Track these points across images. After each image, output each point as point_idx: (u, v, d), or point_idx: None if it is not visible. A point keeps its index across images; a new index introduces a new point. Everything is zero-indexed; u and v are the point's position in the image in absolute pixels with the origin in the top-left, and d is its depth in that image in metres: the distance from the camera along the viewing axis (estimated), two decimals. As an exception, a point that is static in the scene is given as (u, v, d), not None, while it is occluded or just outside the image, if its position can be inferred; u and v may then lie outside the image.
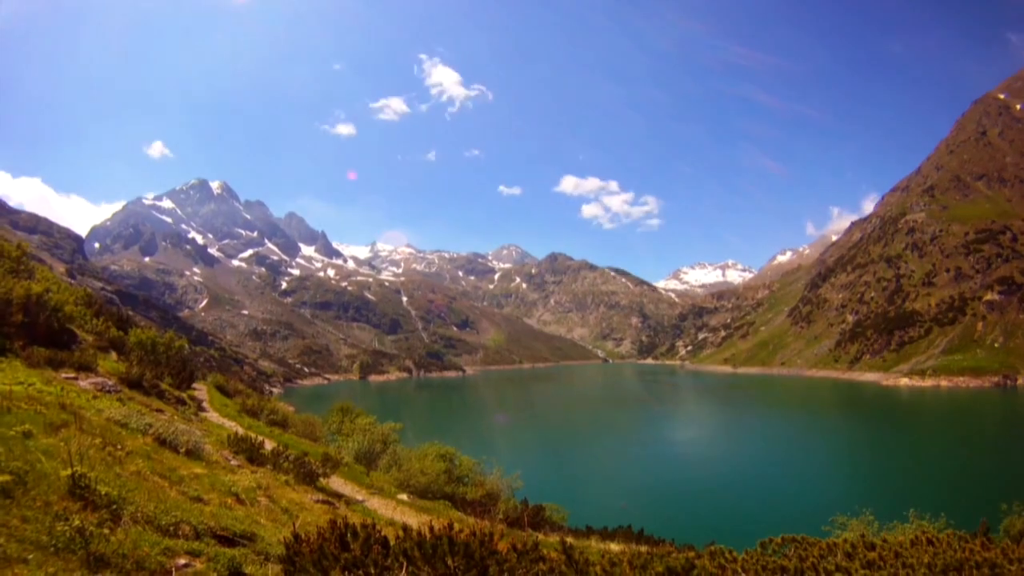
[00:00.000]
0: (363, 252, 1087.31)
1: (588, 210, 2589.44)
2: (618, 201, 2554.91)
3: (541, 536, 41.10)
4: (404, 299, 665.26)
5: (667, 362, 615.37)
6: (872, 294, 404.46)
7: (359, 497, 42.13)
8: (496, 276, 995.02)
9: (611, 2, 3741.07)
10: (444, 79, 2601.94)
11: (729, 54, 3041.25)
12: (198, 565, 11.76)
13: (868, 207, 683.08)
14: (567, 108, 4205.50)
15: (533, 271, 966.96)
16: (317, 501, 32.61)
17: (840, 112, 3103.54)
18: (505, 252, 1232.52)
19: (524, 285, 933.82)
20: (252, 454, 36.81)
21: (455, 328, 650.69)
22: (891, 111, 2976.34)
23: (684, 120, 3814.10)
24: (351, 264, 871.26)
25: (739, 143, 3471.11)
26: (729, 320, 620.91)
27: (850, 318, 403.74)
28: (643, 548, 32.93)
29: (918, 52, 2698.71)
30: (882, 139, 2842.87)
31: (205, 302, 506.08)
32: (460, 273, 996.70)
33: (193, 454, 28.08)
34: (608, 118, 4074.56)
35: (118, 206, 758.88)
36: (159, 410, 40.45)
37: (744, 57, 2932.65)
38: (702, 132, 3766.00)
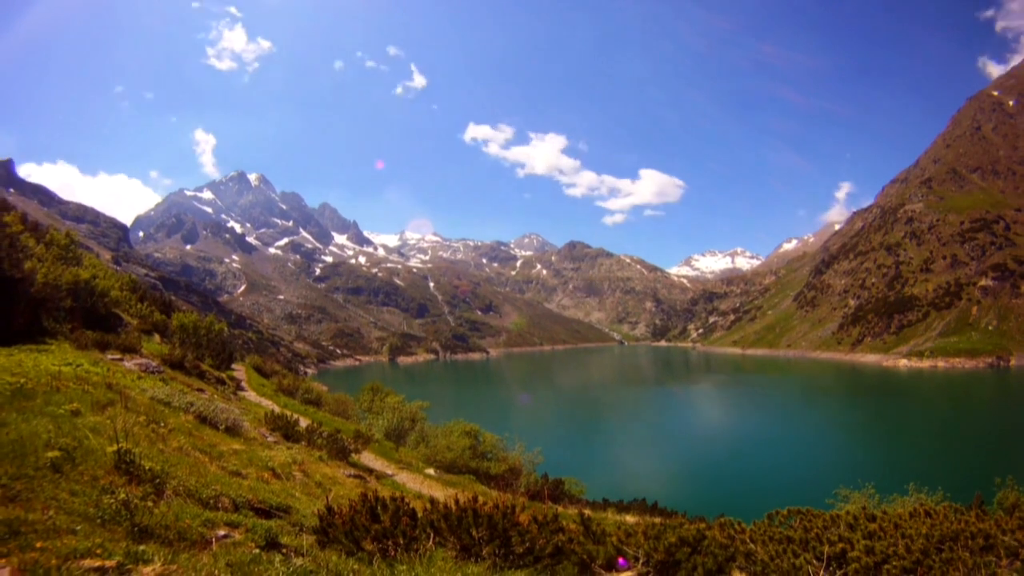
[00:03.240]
0: (392, 240, 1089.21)
1: (608, 200, 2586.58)
2: (636, 190, 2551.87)
3: (561, 508, 41.06)
4: (431, 285, 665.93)
5: (679, 344, 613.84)
6: (873, 280, 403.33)
7: (389, 472, 42.25)
8: (518, 263, 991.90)
9: (651, 4, 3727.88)
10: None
11: (750, 51, 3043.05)
12: (237, 536, 11.75)
13: (869, 198, 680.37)
14: (598, 103, 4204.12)
15: (553, 258, 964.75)
16: (349, 475, 32.70)
17: (843, 108, 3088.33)
18: (526, 240, 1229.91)
19: (544, 272, 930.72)
20: (288, 431, 36.98)
21: (479, 312, 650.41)
22: (891, 108, 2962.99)
23: (707, 115, 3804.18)
24: (381, 252, 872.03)
25: (754, 136, 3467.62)
26: (738, 304, 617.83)
27: (852, 302, 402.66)
28: (657, 519, 32.80)
29: (916, 52, 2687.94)
30: (882, 134, 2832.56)
31: (243, 287, 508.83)
32: (484, 260, 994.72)
33: (232, 431, 28.23)
34: (638, 113, 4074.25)
35: (160, 197, 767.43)
36: (200, 389, 40.67)
37: (764, 53, 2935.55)
38: (720, 125, 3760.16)
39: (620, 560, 14.69)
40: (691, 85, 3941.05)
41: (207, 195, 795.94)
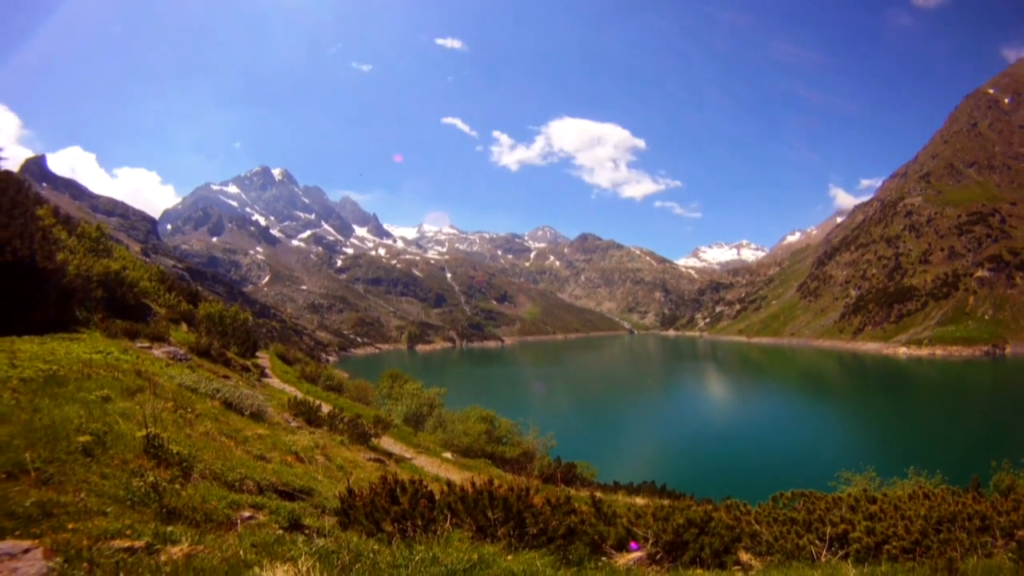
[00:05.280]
0: (411, 233, 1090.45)
1: (620, 191, 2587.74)
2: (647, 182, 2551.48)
3: (573, 491, 41.15)
4: (448, 275, 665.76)
5: (687, 333, 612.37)
6: (873, 271, 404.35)
7: (407, 455, 42.41)
8: (532, 255, 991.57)
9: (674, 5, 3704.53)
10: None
11: (759, 47, 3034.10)
12: (261, 517, 11.80)
13: (870, 192, 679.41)
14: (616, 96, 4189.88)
15: (566, 250, 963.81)
16: (369, 459, 32.80)
17: (846, 105, 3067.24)
18: (540, 233, 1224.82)
19: (557, 263, 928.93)
20: (310, 416, 37.08)
21: (494, 302, 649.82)
22: (891, 105, 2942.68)
23: (718, 111, 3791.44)
24: (400, 244, 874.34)
25: (759, 131, 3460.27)
26: (744, 294, 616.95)
27: (853, 293, 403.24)
28: (665, 502, 32.77)
29: (915, 51, 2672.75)
30: (882, 130, 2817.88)
31: (267, 278, 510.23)
32: (499, 252, 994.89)
33: (257, 416, 28.34)
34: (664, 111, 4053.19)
35: (188, 191, 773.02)
36: (226, 376, 40.80)
37: (773, 50, 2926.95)
38: (729, 121, 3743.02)
39: (632, 544, 14.70)
40: (705, 82, 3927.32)
41: (232, 189, 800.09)
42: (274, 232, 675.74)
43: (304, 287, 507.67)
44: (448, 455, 48.79)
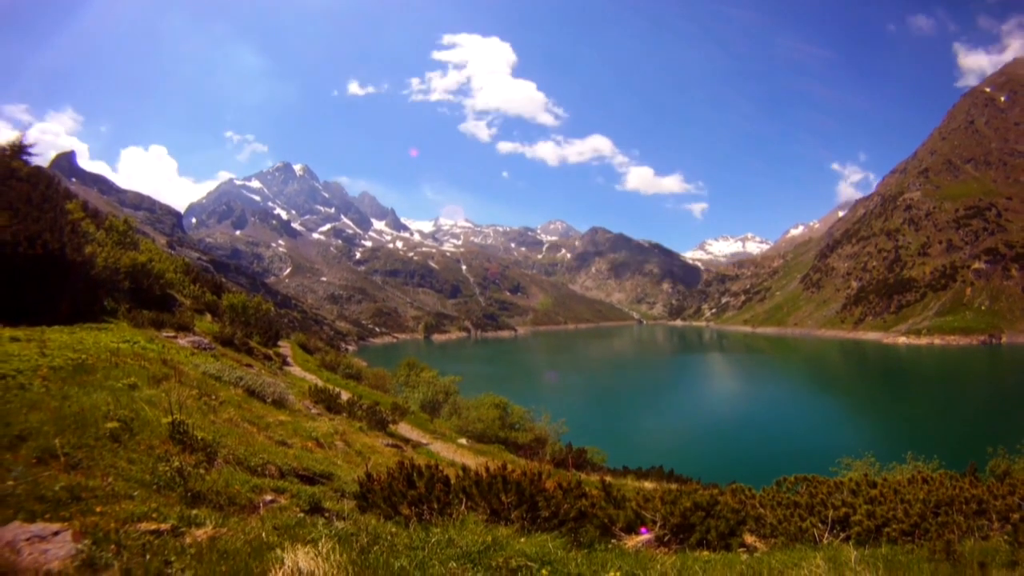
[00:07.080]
0: (427, 226, 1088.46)
1: (631, 184, 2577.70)
2: (650, 175, 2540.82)
3: (583, 475, 41.09)
4: (463, 267, 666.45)
5: (694, 323, 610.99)
6: (874, 263, 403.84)
7: (424, 441, 42.44)
8: (544, 247, 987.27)
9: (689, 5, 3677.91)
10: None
11: (765, 43, 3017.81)
12: (282, 501, 11.82)
13: (871, 187, 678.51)
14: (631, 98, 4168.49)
15: (576, 243, 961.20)
16: (387, 445, 32.84)
17: (849, 101, 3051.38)
18: (552, 226, 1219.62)
19: (568, 255, 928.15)
20: (330, 403, 37.14)
21: (508, 293, 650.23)
22: (891, 103, 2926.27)
23: (728, 108, 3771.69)
24: (417, 237, 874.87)
25: (765, 126, 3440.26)
26: (749, 286, 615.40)
27: (855, 284, 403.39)
28: (673, 486, 32.71)
29: (915, 51, 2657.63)
30: (883, 127, 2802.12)
31: (289, 270, 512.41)
32: (512, 245, 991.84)
33: (278, 403, 28.41)
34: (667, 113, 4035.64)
35: (212, 186, 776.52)
36: (248, 365, 40.91)
37: (778, 46, 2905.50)
38: (739, 118, 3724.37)
39: (642, 529, 14.71)
40: (714, 81, 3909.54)
41: (255, 184, 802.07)
42: (295, 225, 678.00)
43: (324, 278, 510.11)
44: (463, 441, 48.84)
